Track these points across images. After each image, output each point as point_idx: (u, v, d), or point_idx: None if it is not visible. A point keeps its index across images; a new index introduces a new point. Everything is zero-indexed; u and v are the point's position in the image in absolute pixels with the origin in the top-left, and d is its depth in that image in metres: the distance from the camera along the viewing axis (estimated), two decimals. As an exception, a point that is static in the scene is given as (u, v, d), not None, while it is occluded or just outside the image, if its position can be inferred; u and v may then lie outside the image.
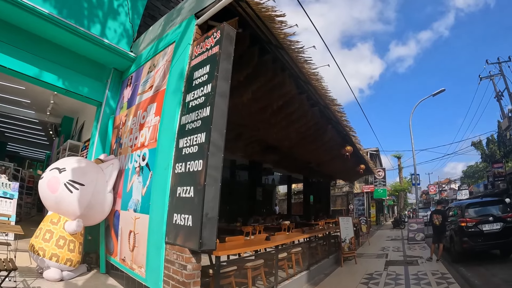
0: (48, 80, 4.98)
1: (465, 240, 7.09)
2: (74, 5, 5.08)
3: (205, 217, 2.80)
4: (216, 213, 2.92)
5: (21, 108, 9.63)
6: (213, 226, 2.89)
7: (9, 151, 15.92)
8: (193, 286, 2.91)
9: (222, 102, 3.27)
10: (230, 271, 3.71)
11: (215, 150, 3.08)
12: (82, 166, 4.34)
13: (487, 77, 17.13)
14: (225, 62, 3.37)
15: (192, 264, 2.93)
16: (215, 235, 2.91)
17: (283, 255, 4.76)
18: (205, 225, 2.80)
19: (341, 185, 20.84)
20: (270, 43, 4.36)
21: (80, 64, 5.42)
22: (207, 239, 2.81)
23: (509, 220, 7.07)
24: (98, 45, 5.12)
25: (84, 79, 5.52)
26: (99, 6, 5.61)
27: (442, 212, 8.11)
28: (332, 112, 6.61)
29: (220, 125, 3.21)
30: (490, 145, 22.73)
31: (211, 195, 2.89)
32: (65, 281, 3.83)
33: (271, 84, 5.08)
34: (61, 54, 5.09)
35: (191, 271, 2.91)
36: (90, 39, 4.99)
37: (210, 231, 2.85)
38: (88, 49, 5.20)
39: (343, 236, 7.36)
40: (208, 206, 2.85)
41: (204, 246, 2.79)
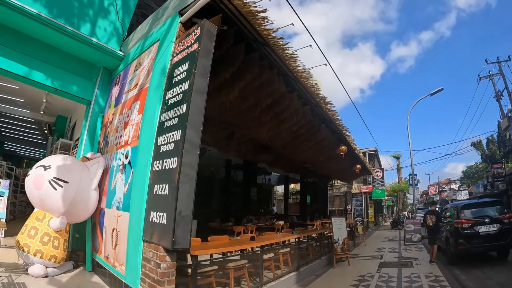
0: (38, 79, 5.03)
1: (460, 241, 6.94)
2: (64, 4, 5.10)
3: (178, 215, 2.75)
4: (191, 211, 2.87)
5: (15, 107, 9.64)
6: (187, 225, 2.83)
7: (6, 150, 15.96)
8: (167, 284, 2.87)
9: (199, 99, 3.21)
10: (210, 271, 3.64)
11: (190, 147, 3.02)
12: (67, 164, 4.35)
13: (487, 77, 16.91)
14: (204, 59, 3.31)
15: (167, 263, 2.90)
16: (189, 233, 2.85)
17: (269, 255, 4.67)
18: (178, 223, 2.74)
19: (339, 185, 20.71)
20: (255, 40, 4.29)
21: (70, 63, 5.45)
22: (180, 237, 2.76)
23: (506, 221, 6.91)
24: (87, 44, 5.14)
25: (73, 78, 5.54)
26: (90, 5, 5.63)
27: (436, 213, 7.98)
28: (324, 110, 6.51)
29: (196, 122, 3.16)
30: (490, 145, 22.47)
31: (185, 193, 2.84)
32: (50, 278, 3.86)
33: (259, 82, 5.00)
34: (50, 53, 5.13)
35: (166, 270, 2.88)
36: (78, 38, 5.00)
37: (184, 229, 2.80)
38: (77, 48, 5.23)
39: (336, 237, 7.25)
40: (182, 204, 2.80)
41: (177, 245, 2.74)
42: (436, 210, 8.18)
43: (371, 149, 21.67)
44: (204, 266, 3.65)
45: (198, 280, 3.50)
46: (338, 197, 21.00)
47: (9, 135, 13.67)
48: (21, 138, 13.82)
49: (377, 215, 23.39)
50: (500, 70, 15.75)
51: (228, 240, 4.51)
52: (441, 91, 12.38)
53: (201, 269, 3.55)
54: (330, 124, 7.76)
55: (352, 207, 19.80)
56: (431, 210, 8.15)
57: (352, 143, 9.29)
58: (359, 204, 19.82)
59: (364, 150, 20.10)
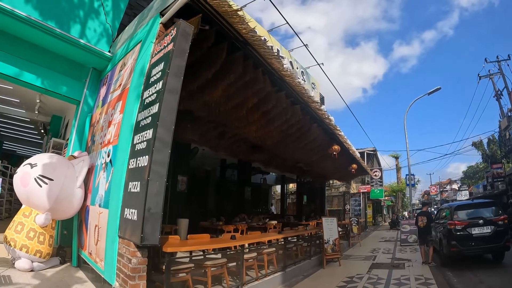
0: (28, 80, 5.18)
1: (453, 243, 6.82)
2: (55, 6, 5.23)
3: (147, 212, 2.80)
4: (160, 208, 2.92)
5: (11, 107, 9.72)
6: (156, 221, 2.88)
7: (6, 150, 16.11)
8: (138, 280, 2.92)
9: (171, 98, 3.26)
10: (185, 269, 3.62)
11: (161, 146, 3.07)
12: (53, 162, 4.47)
13: (486, 76, 16.64)
14: (178, 58, 3.35)
15: (137, 258, 2.94)
16: (158, 230, 2.89)
17: (251, 255, 4.63)
18: (147, 219, 2.79)
19: (338, 185, 20.59)
20: (236, 39, 4.27)
21: (59, 64, 5.58)
22: (149, 234, 2.80)
23: (500, 223, 6.77)
24: (75, 45, 5.26)
25: (63, 79, 5.67)
26: (80, 6, 5.74)
27: (427, 214, 7.86)
28: (313, 110, 6.45)
29: (168, 121, 3.20)
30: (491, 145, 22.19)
31: (154, 190, 2.89)
32: (35, 272, 3.99)
33: (243, 81, 4.96)
34: (40, 54, 5.26)
35: (136, 265, 2.93)
36: (66, 40, 5.12)
37: (153, 226, 2.84)
38: (65, 49, 5.35)
39: (326, 237, 7.18)
40: (151, 201, 2.85)
41: (146, 241, 2.79)
42: (427, 211, 8.08)
43: (370, 149, 21.52)
44: (179, 263, 3.63)
45: (173, 277, 3.51)
46: (336, 197, 20.88)
47: (8, 135, 13.78)
48: (20, 137, 13.95)
49: (376, 215, 23.23)
50: (499, 69, 15.50)
51: (208, 239, 4.48)
52: (438, 90, 12.25)
53: (175, 266, 3.54)
54: (322, 124, 7.70)
55: (350, 207, 19.69)
56: (423, 211, 8.08)
57: (345, 143, 9.22)
58: (357, 204, 19.69)
59: (362, 150, 20.02)
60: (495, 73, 16.01)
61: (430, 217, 7.88)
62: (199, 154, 10.60)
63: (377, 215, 24.23)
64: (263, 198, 20.71)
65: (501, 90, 15.58)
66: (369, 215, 20.06)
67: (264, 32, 12.60)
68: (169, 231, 6.34)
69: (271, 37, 13.07)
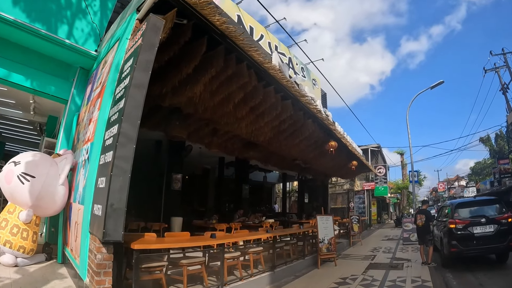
0: (17, 80, 5.33)
1: (453, 243, 6.46)
2: (42, 7, 5.31)
3: (110, 208, 2.79)
4: (124, 204, 2.88)
5: (8, 108, 9.81)
6: (119, 217, 2.85)
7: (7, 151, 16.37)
8: (103, 276, 2.93)
9: (137, 93, 3.22)
10: (158, 267, 3.53)
11: (126, 141, 3.03)
12: (35, 160, 4.58)
13: (492, 69, 15.98)
14: (147, 53, 3.31)
15: (103, 254, 2.96)
16: (122, 226, 2.86)
17: (233, 254, 4.47)
18: (109, 215, 2.78)
19: (342, 182, 20.26)
20: (215, 32, 4.11)
21: (47, 65, 5.68)
22: (112, 229, 2.79)
23: (504, 222, 6.38)
24: (61, 46, 5.36)
25: (51, 79, 5.77)
26: (68, 7, 5.78)
27: (426, 212, 7.53)
28: (304, 104, 6.24)
29: (133, 116, 3.16)
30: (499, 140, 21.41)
31: (117, 186, 2.87)
32: (19, 267, 4.10)
33: (225, 75, 4.79)
34: (28, 56, 5.38)
35: (101, 261, 2.95)
36: (52, 40, 5.23)
37: (116, 222, 2.82)
38: (52, 50, 5.45)
39: (321, 237, 6.96)
40: (114, 197, 2.83)
41: (108, 237, 2.78)
42: (426, 210, 7.74)
43: (374, 146, 21.05)
44: (151, 261, 3.55)
45: (145, 275, 3.46)
46: (340, 195, 20.56)
47: (9, 136, 13.96)
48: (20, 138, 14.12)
49: (381, 213, 22.77)
50: (505, 62, 14.82)
51: (188, 237, 4.35)
52: (441, 83, 11.82)
53: (147, 264, 3.47)
54: (316, 119, 7.48)
55: (355, 205, 19.33)
56: (422, 209, 7.73)
57: (342, 139, 8.97)
58: (361, 202, 19.32)
59: (366, 147, 19.62)
60: (501, 66, 15.36)
61: (429, 216, 7.55)
62: (196, 152, 10.49)
63: (382, 212, 23.77)
64: (266, 196, 20.58)
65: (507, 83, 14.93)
66: (374, 212, 19.63)
67: (261, 29, 12.41)
68: (158, 229, 6.23)
69: (269, 33, 12.86)
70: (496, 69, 15.47)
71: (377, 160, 22.15)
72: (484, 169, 29.78)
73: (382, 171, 19.22)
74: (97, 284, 2.91)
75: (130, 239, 3.42)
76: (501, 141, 20.84)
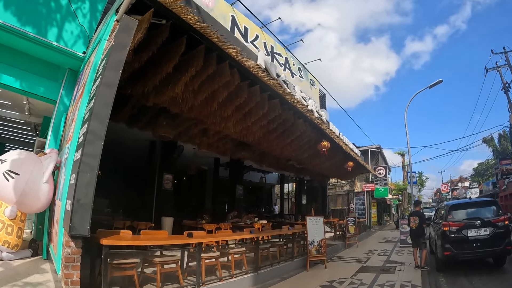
0: (6, 82, 5.45)
1: (446, 247, 6.22)
2: (33, 11, 5.41)
3: (76, 203, 2.89)
4: (90, 200, 2.96)
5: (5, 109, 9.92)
6: (86, 212, 2.93)
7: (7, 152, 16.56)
8: (71, 269, 3.02)
9: (107, 92, 3.30)
10: (129, 264, 3.54)
11: (94, 138, 3.09)
12: (21, 158, 4.74)
13: (493, 68, 15.59)
14: (118, 53, 3.40)
15: (71, 248, 3.06)
16: (88, 221, 2.94)
17: (212, 254, 4.41)
18: (76, 210, 2.88)
19: (342, 184, 20.06)
20: (194, 31, 4.09)
21: (36, 66, 5.82)
22: (78, 224, 2.88)
23: (500, 224, 6.14)
24: (48, 48, 5.48)
25: (40, 80, 5.90)
26: (58, 10, 5.88)
27: (420, 214, 7.30)
28: (290, 103, 6.16)
29: (102, 115, 3.24)
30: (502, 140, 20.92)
31: (84, 182, 2.96)
32: (4, 261, 4.22)
33: (206, 74, 4.76)
34: (18, 58, 5.51)
35: (70, 255, 3.05)
36: (40, 43, 5.35)
37: (82, 217, 2.91)
38: (41, 52, 5.59)
39: (311, 238, 6.83)
40: (81, 192, 2.92)
41: (74, 231, 2.89)
42: (420, 212, 7.50)
43: (374, 147, 20.76)
44: (122, 257, 3.56)
45: (116, 271, 3.49)
46: (340, 196, 20.35)
47: (8, 137, 14.12)
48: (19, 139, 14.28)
49: (382, 214, 22.45)
50: (507, 61, 14.43)
51: (165, 236, 4.34)
52: (440, 82, 11.61)
53: (119, 260, 3.50)
54: (307, 119, 7.39)
55: (355, 206, 19.09)
56: (415, 211, 7.50)
57: (336, 139, 8.85)
58: (361, 203, 19.07)
59: (366, 148, 19.38)
60: (503, 65, 14.99)
61: (423, 218, 7.31)
62: (191, 153, 10.47)
63: (384, 214, 23.45)
64: (266, 197, 20.48)
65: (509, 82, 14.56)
66: (374, 214, 19.34)
67: (257, 29, 12.34)
68: (144, 228, 6.21)
69: (264, 33, 12.78)
70: (498, 68, 15.13)
71: (378, 161, 21.87)
72: (487, 170, 29.22)
73: (382, 172, 18.94)
74: (65, 277, 3.01)
75: (104, 235, 3.47)
76: (504, 142, 20.38)
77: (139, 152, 9.65)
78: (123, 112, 6.32)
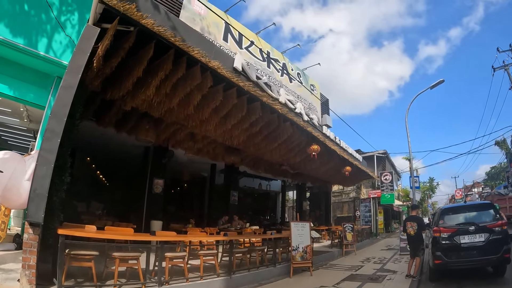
0: None
1: (437, 255, 5.77)
2: (24, 22, 5.75)
3: (33, 192, 3.22)
4: (45, 190, 3.26)
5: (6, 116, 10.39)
6: (41, 201, 3.23)
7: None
8: (29, 254, 3.34)
9: (65, 93, 3.61)
10: (87, 255, 3.74)
11: (51, 135, 3.44)
12: (5, 157, 5.00)
13: (501, 67, 14.94)
14: (78, 58, 3.77)
15: (29, 234, 3.37)
16: (42, 210, 3.23)
17: (177, 253, 4.40)
18: (32, 199, 3.21)
19: (348, 191, 19.59)
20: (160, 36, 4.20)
21: (26, 74, 6.08)
22: (33, 212, 3.20)
23: (497, 230, 5.61)
24: (37, 58, 5.78)
25: (29, 87, 6.17)
26: (48, 21, 6.22)
27: (417, 219, 6.74)
28: (270, 106, 6.13)
29: (60, 114, 3.55)
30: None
31: (41, 174, 3.29)
32: None
33: (177, 78, 4.85)
34: (8, 66, 5.78)
35: (27, 240, 3.37)
36: (29, 53, 5.63)
37: (37, 205, 3.21)
38: (30, 61, 5.87)
39: (295, 244, 6.65)
40: (37, 183, 3.25)
41: (29, 218, 3.23)
42: (417, 216, 6.92)
43: (380, 152, 20.20)
44: (79, 249, 3.76)
45: (74, 261, 3.71)
46: (346, 203, 19.85)
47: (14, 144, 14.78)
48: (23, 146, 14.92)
49: (390, 221, 21.61)
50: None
51: (130, 233, 4.41)
52: (442, 82, 11.21)
53: (76, 251, 3.71)
54: (293, 122, 7.31)
55: (361, 213, 18.54)
56: (412, 216, 6.94)
57: (327, 142, 8.69)
58: (367, 210, 18.48)
59: (371, 153, 18.89)
60: (510, 63, 14.34)
61: (422, 223, 6.70)
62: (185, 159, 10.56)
63: (393, 221, 22.57)
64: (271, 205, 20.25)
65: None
66: (380, 221, 18.65)
67: (252, 35, 12.46)
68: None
69: (260, 39, 12.89)
70: (506, 67, 14.48)
71: (385, 167, 21.23)
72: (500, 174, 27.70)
73: (388, 178, 18.31)
74: (23, 260, 3.34)
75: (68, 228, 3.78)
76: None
77: (132, 158, 9.84)
78: (109, 117, 6.51)
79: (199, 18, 9.61)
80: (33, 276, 3.25)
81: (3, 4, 5.60)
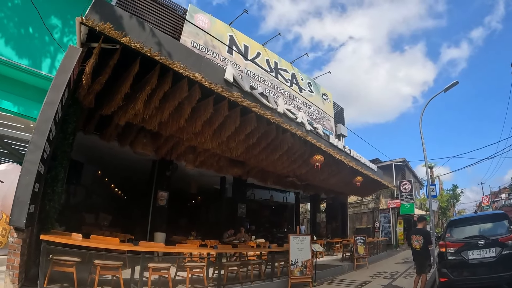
0: (5, 106, 6.26)
1: (443, 272, 5.31)
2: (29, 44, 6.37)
3: (16, 199, 3.42)
4: (28, 198, 3.47)
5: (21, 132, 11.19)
6: (23, 208, 3.42)
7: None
8: (13, 256, 3.52)
9: (48, 109, 3.82)
10: (69, 261, 3.91)
11: (34, 148, 3.63)
12: (7, 169, 5.61)
13: None
14: (61, 76, 3.98)
15: (14, 238, 3.54)
16: (25, 216, 3.41)
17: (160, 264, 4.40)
18: (15, 205, 3.41)
19: (367, 201, 18.78)
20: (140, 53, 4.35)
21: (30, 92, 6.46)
22: (16, 217, 3.39)
23: (510, 244, 5.01)
24: (40, 77, 6.31)
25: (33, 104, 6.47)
26: (51, 43, 6.76)
27: (424, 232, 6.17)
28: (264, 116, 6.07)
29: (43, 128, 3.75)
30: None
31: (24, 183, 3.49)
32: None
33: (163, 91, 4.97)
34: (14, 86, 6.31)
35: (12, 243, 3.53)
36: (32, 73, 6.22)
37: (20, 211, 3.40)
38: (33, 80, 6.37)
39: (293, 258, 6.40)
40: (20, 191, 3.45)
41: (12, 223, 3.41)
42: (424, 229, 6.32)
43: (398, 160, 19.26)
44: (61, 254, 3.93)
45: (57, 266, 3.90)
46: (365, 214, 19.00)
47: (25, 154, 15.81)
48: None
49: (411, 233, 20.15)
50: None
51: (116, 243, 4.47)
52: (456, 85, 10.58)
53: (59, 256, 3.90)
54: (294, 133, 7.18)
55: (380, 224, 17.64)
56: (418, 228, 6.39)
57: (331, 152, 8.43)
58: (387, 221, 17.53)
59: (389, 162, 18.08)
60: None
61: (428, 237, 6.14)
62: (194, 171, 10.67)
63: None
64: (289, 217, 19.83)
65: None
66: (400, 232, 17.53)
67: (258, 46, 12.58)
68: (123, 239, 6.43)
69: (267, 50, 12.97)
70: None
71: (405, 176, 20.17)
72: None
73: (408, 187, 17.30)
74: (8, 261, 3.52)
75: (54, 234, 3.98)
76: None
77: (140, 171, 10.09)
78: (110, 131, 6.75)
79: (202, 33, 9.85)
80: (16, 276, 3.44)
81: (8, 28, 6.08)
